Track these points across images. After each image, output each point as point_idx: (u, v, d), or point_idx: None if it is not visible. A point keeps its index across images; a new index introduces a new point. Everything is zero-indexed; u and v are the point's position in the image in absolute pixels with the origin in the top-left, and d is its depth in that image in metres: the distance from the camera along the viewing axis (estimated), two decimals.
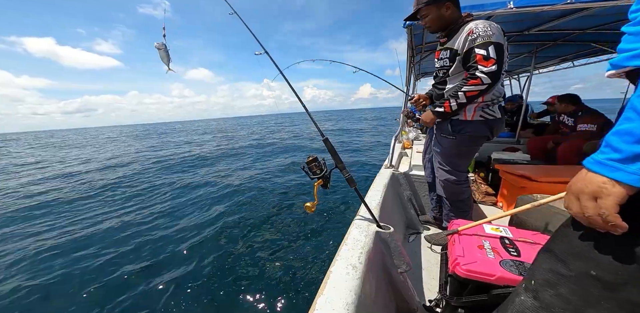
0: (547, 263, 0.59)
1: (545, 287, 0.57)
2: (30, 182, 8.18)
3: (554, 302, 0.55)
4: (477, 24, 1.28)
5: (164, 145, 17.19)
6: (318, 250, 3.06)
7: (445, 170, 1.60)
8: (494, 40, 1.22)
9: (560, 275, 0.55)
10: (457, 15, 1.41)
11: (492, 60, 1.21)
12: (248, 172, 7.52)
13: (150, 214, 4.61)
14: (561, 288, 0.54)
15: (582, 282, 0.51)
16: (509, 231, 1.16)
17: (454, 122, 1.48)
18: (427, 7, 1.41)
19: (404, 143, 3.40)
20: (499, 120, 1.46)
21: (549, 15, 2.23)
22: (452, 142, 1.52)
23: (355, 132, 18.05)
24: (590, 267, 0.50)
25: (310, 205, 1.11)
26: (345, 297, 0.70)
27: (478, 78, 1.23)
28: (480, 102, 1.39)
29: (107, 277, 2.83)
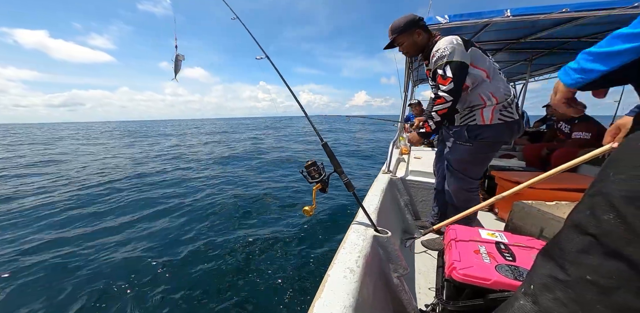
0: (545, 268, 0.60)
1: (543, 292, 0.58)
2: None
3: (552, 306, 0.56)
4: (438, 46, 1.37)
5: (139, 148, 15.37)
6: (316, 253, 3.05)
7: (459, 178, 1.58)
8: (448, 59, 1.31)
9: (557, 280, 0.56)
10: (428, 38, 1.50)
11: (448, 78, 1.30)
12: (246, 174, 7.50)
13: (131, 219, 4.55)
14: (559, 292, 0.55)
15: (578, 286, 0.52)
16: (504, 236, 1.18)
17: (471, 128, 1.46)
18: (399, 36, 1.50)
19: (402, 149, 3.42)
20: (517, 122, 1.43)
21: (545, 23, 2.28)
22: (468, 149, 1.50)
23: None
24: (586, 271, 0.51)
25: (309, 209, 1.12)
26: (343, 300, 0.70)
27: (441, 97, 1.33)
28: (495, 103, 1.38)
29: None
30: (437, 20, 1.99)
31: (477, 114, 1.42)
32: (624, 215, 0.47)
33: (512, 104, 1.42)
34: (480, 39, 2.85)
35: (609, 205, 0.50)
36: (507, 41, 2.87)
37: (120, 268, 2.98)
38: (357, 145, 14.19)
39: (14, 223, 4.31)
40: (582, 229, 0.54)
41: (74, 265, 3.06)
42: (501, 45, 3.09)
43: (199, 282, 2.69)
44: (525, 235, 1.23)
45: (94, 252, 3.35)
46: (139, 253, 3.30)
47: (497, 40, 2.89)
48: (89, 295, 2.53)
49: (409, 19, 1.46)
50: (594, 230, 0.52)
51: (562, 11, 1.71)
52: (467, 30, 2.51)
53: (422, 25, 1.48)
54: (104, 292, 2.59)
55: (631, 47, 0.49)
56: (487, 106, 1.39)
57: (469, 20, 1.95)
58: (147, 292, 2.55)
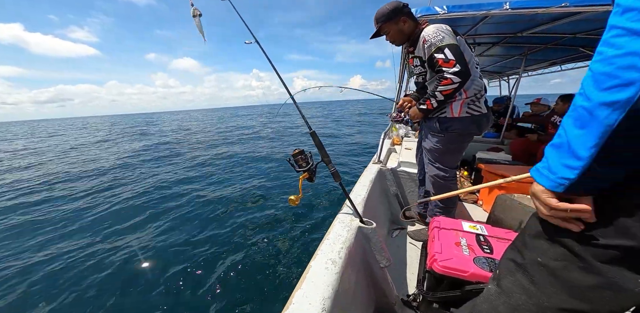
0: (508, 253, 0.66)
1: (506, 275, 0.64)
2: None
3: (513, 288, 0.61)
4: (427, 32, 1.37)
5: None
6: (300, 244, 3.07)
7: (435, 167, 1.65)
8: (445, 43, 1.31)
9: (517, 264, 0.61)
10: (414, 26, 1.51)
11: (452, 61, 1.30)
12: (230, 162, 7.44)
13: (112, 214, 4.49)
14: (517, 274, 0.61)
15: (532, 268, 0.57)
16: (485, 229, 1.20)
17: (441, 120, 1.52)
18: (385, 24, 1.51)
19: (394, 139, 3.42)
20: (485, 115, 1.49)
21: (543, 17, 2.25)
22: (440, 139, 1.56)
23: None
24: (537, 254, 0.56)
25: (295, 199, 1.11)
26: (322, 292, 0.71)
27: (448, 78, 1.32)
28: (464, 98, 1.43)
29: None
30: (435, 10, 1.94)
31: (447, 106, 1.47)
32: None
33: (481, 99, 1.47)
34: (478, 32, 2.80)
35: None
36: (505, 35, 2.84)
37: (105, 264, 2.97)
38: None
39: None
40: (538, 216, 0.59)
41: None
42: (498, 39, 3.06)
43: (175, 272, 2.69)
44: (505, 228, 1.26)
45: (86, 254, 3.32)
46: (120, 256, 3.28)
47: (495, 33, 2.86)
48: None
49: (393, 7, 1.45)
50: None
51: (562, 6, 1.69)
52: (466, 22, 2.46)
53: (407, 12, 1.48)
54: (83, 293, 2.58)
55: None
56: (457, 100, 1.44)
57: (468, 12, 1.91)
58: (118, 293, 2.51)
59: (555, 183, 0.48)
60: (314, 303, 0.67)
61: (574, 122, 0.44)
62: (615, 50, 0.38)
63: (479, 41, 3.23)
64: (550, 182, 0.49)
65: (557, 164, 0.48)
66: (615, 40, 0.38)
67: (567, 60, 3.87)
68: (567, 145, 0.45)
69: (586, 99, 0.42)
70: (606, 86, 0.39)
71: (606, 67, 0.39)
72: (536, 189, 0.53)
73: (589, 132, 0.42)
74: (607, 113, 0.39)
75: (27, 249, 3.27)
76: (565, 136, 0.46)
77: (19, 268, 2.86)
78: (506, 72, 5.43)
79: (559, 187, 0.48)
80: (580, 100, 0.44)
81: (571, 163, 0.45)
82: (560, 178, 0.47)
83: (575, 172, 0.44)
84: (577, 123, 0.44)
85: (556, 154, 0.48)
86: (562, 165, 0.46)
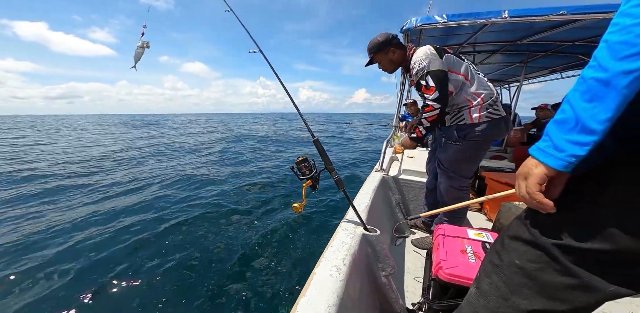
0: (488, 255, 0.65)
1: (483, 277, 0.63)
2: None
3: (488, 289, 0.61)
4: (414, 60, 1.44)
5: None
6: (304, 251, 3.04)
7: (450, 176, 1.61)
8: (427, 70, 1.38)
9: (494, 265, 0.61)
10: (403, 54, 1.58)
11: (432, 88, 1.37)
12: (234, 169, 7.45)
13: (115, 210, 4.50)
14: (494, 276, 0.60)
15: (509, 270, 0.57)
16: (490, 236, 1.19)
17: (460, 127, 1.50)
18: (376, 55, 1.60)
19: (396, 147, 3.42)
20: (504, 119, 1.47)
21: (542, 25, 2.29)
22: (459, 148, 1.53)
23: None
24: (514, 257, 0.56)
25: (298, 206, 1.11)
26: (328, 299, 0.70)
27: (429, 105, 1.40)
28: (482, 102, 1.43)
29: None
30: (435, 19, 1.98)
31: (465, 113, 1.47)
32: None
33: (497, 102, 1.47)
34: (478, 40, 2.85)
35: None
36: (504, 43, 2.88)
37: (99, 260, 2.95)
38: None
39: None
40: (519, 218, 0.59)
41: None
42: (498, 47, 3.10)
43: (176, 277, 2.66)
44: None
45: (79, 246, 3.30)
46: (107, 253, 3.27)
47: (495, 41, 2.90)
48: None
49: (383, 38, 1.55)
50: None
51: (560, 13, 1.72)
52: (465, 30, 2.50)
53: (395, 43, 1.57)
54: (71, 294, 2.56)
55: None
56: (474, 106, 1.44)
57: (467, 20, 1.95)
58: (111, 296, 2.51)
59: (564, 162, 0.45)
60: (318, 310, 0.66)
61: (582, 95, 0.43)
62: (634, 19, 0.38)
63: (478, 49, 3.28)
64: (557, 161, 0.45)
65: (563, 141, 0.45)
66: (634, 10, 0.38)
67: (567, 67, 3.90)
68: (574, 120, 0.43)
69: (602, 70, 0.40)
70: (624, 54, 0.38)
71: (624, 36, 0.38)
72: (536, 171, 0.48)
73: (602, 104, 0.40)
74: (627, 82, 0.38)
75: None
76: (572, 111, 0.44)
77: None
78: (507, 79, 5.47)
79: (568, 166, 0.45)
80: (591, 73, 0.42)
81: (581, 139, 0.42)
82: (570, 156, 0.44)
83: (586, 149, 0.42)
84: (586, 96, 0.42)
85: (561, 130, 0.45)
86: (570, 142, 0.44)
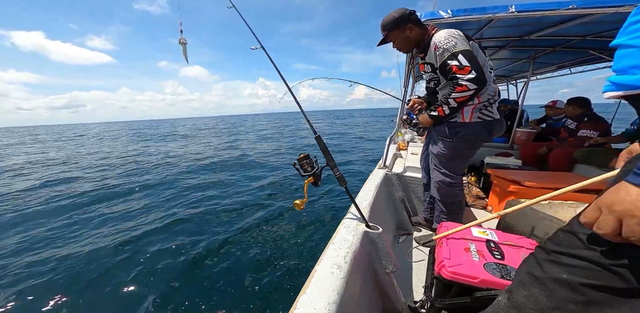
0: (525, 265, 0.62)
1: (519, 288, 0.60)
2: None
3: (525, 302, 0.58)
4: (438, 39, 1.33)
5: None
6: (306, 248, 3.05)
7: (441, 172, 1.61)
8: (459, 49, 1.27)
9: (534, 277, 0.58)
10: (422, 32, 1.46)
11: (467, 67, 1.26)
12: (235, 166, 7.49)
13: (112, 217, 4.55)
14: (533, 289, 0.57)
15: (553, 284, 0.54)
16: (495, 234, 1.17)
17: (451, 125, 1.48)
18: (391, 32, 1.47)
19: (399, 144, 3.40)
20: (497, 121, 1.45)
21: (550, 20, 2.23)
22: (449, 144, 1.53)
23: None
24: (563, 270, 0.53)
25: (300, 203, 1.11)
26: (328, 296, 0.69)
27: (464, 85, 1.28)
28: (476, 103, 1.39)
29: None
30: (439, 14, 1.94)
31: (457, 111, 1.43)
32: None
33: (494, 104, 1.43)
34: (484, 36, 2.79)
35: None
36: (511, 38, 2.82)
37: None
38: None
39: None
40: (571, 232, 0.54)
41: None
42: (505, 43, 3.04)
43: (177, 274, 2.69)
44: (516, 234, 1.23)
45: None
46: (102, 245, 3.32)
47: (501, 37, 2.84)
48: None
49: (399, 14, 1.42)
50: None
51: (570, 8, 1.67)
52: (471, 25, 2.46)
53: (413, 19, 1.43)
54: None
55: None
56: (468, 105, 1.40)
57: (473, 16, 1.91)
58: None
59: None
60: (319, 308, 0.66)
61: None
62: None
63: (485, 45, 3.22)
64: None
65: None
66: None
67: (576, 63, 3.81)
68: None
69: None
70: None
71: None
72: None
73: None
74: None
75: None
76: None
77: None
78: (514, 76, 5.37)
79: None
80: None
81: None
82: None
83: None
84: None
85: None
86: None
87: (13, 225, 4.07)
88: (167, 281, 2.58)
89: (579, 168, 2.59)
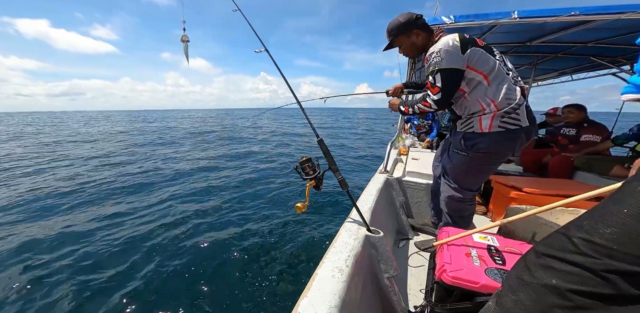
0: (515, 270, 0.62)
1: (507, 293, 0.60)
2: None
3: (513, 307, 0.58)
4: (432, 50, 1.28)
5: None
6: (306, 251, 3.04)
7: (452, 187, 1.51)
8: (439, 67, 1.23)
9: (523, 282, 0.58)
10: (428, 37, 1.40)
11: (436, 88, 1.27)
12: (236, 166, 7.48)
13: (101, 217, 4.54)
14: (521, 294, 0.57)
15: (541, 289, 0.54)
16: (496, 240, 1.17)
17: (467, 136, 1.37)
18: (397, 37, 1.42)
19: (400, 149, 3.40)
20: (525, 130, 1.27)
21: (552, 26, 2.24)
22: (463, 158, 1.41)
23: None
24: (552, 276, 0.53)
25: (301, 206, 1.11)
26: (329, 300, 0.69)
27: (428, 102, 1.34)
28: (495, 110, 1.25)
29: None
30: (441, 20, 1.96)
31: (475, 120, 1.31)
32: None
33: (519, 109, 1.25)
34: (486, 42, 2.80)
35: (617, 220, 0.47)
36: (513, 44, 2.84)
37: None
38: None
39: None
40: (564, 234, 0.54)
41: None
42: (507, 48, 3.06)
43: (176, 277, 2.66)
44: (517, 240, 1.23)
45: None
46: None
47: (504, 42, 2.86)
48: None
49: (405, 19, 1.36)
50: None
51: (572, 14, 1.68)
52: (473, 31, 2.47)
53: (420, 24, 1.37)
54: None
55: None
56: (487, 113, 1.27)
57: (475, 22, 1.92)
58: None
59: None
60: (319, 311, 0.66)
61: None
62: None
63: (486, 46, 3.24)
64: None
65: None
66: None
67: (577, 69, 3.83)
68: None
69: None
70: None
71: None
72: None
73: None
74: None
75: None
76: None
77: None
78: None
79: None
80: None
81: None
82: None
83: None
84: None
85: None
86: None
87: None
88: (161, 285, 2.57)
89: (579, 175, 2.59)
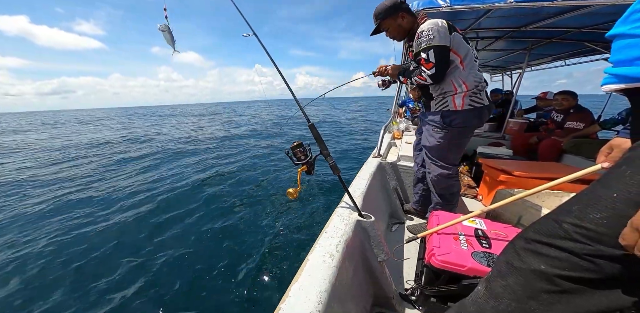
0: (504, 255, 0.63)
1: (497, 278, 0.62)
2: None
3: (501, 292, 0.59)
4: (422, 28, 1.39)
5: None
6: (298, 237, 3.07)
7: (438, 165, 1.62)
8: (433, 43, 1.35)
9: (512, 267, 0.59)
10: (413, 21, 1.52)
11: (430, 63, 1.38)
12: (229, 153, 7.43)
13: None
14: (510, 279, 0.58)
15: (530, 274, 0.55)
16: (483, 223, 1.20)
17: (444, 114, 1.52)
18: (385, 21, 1.52)
19: (394, 133, 3.40)
20: (487, 107, 1.51)
21: (548, 11, 2.21)
22: (444, 135, 1.55)
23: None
24: (540, 261, 0.54)
25: (293, 191, 1.10)
26: (320, 285, 0.71)
27: (423, 76, 1.45)
28: (465, 90, 1.45)
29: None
30: (437, 3, 1.90)
31: (449, 100, 1.49)
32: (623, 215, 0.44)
33: (482, 91, 1.49)
34: (481, 26, 2.76)
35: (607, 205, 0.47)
36: (508, 29, 2.80)
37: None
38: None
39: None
40: (554, 219, 0.55)
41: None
42: (502, 33, 3.01)
43: (171, 265, 2.70)
44: (504, 223, 1.26)
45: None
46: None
47: (499, 27, 2.81)
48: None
49: (392, 3, 1.47)
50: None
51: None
52: (469, 15, 2.42)
53: (405, 7, 1.50)
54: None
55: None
56: (458, 93, 1.46)
57: (471, 5, 1.87)
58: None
59: None
60: (310, 296, 0.67)
61: None
62: None
63: (482, 35, 3.19)
64: None
65: None
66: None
67: (571, 54, 3.82)
68: None
69: None
70: None
71: None
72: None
73: None
74: None
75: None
76: None
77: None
78: (509, 66, 5.36)
79: None
80: None
81: None
82: None
83: None
84: None
85: None
86: None
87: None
88: (148, 278, 2.60)
89: (567, 159, 2.66)
